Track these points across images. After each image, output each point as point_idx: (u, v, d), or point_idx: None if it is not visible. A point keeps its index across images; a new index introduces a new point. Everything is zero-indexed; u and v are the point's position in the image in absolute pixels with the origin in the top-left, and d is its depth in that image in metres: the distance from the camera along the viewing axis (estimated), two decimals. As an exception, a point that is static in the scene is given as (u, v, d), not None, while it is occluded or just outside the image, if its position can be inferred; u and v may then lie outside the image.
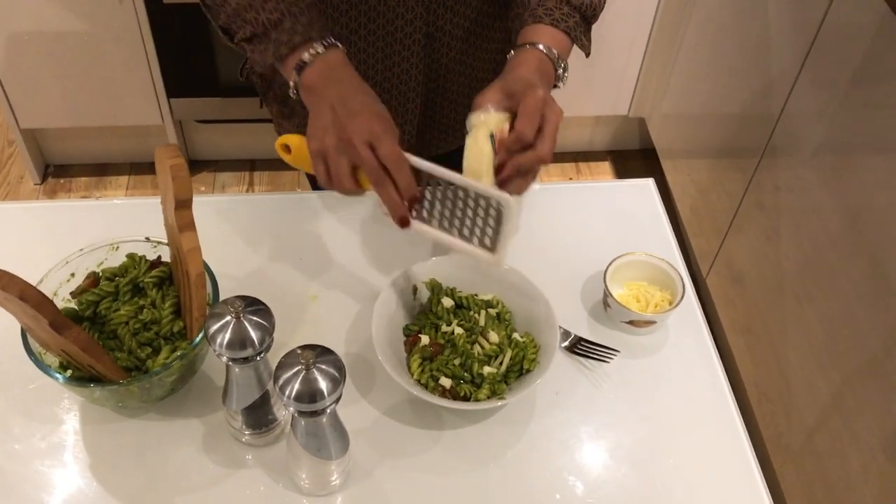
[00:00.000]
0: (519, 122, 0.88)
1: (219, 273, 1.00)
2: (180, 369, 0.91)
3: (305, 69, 0.94)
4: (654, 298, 1.08)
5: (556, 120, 0.90)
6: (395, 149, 0.86)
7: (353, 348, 1.04)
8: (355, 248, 1.15)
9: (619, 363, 1.04)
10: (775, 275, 1.80)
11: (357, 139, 0.86)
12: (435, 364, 0.98)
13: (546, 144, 0.88)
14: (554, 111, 0.90)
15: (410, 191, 0.87)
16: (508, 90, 0.91)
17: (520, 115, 0.88)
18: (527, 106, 0.88)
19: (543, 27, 1.01)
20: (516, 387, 0.97)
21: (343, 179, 0.89)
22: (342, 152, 0.87)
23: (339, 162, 0.88)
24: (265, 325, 0.84)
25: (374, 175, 0.87)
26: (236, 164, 2.56)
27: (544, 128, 0.89)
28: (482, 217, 0.88)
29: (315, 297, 1.09)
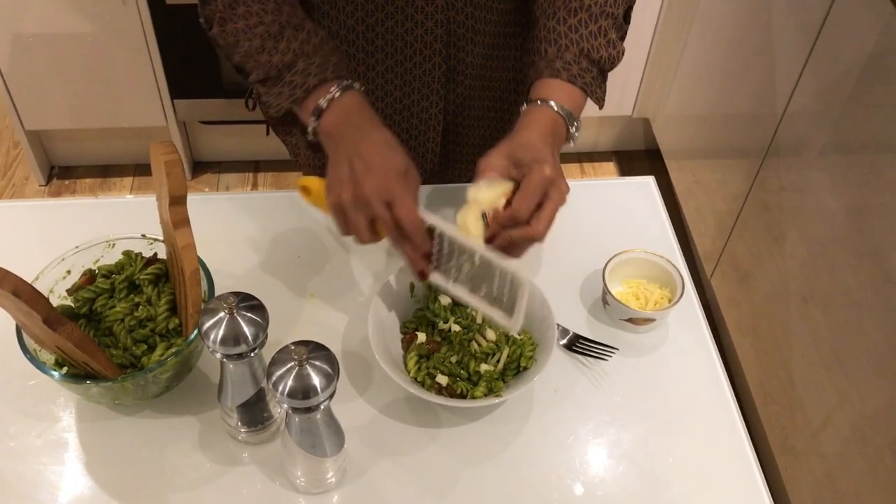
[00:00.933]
0: (518, 198, 0.86)
1: (216, 271, 1.00)
2: (175, 366, 0.91)
3: (323, 114, 0.92)
4: (654, 296, 1.07)
5: (559, 201, 0.87)
6: (411, 212, 0.85)
7: (351, 346, 1.04)
8: (353, 247, 1.15)
9: (618, 361, 1.03)
10: (780, 275, 1.79)
11: (374, 198, 0.85)
12: (432, 361, 0.97)
13: (542, 224, 0.86)
14: (558, 190, 0.86)
15: (423, 249, 0.87)
16: (515, 158, 0.88)
17: (520, 192, 0.86)
18: (530, 183, 0.85)
19: (559, 83, 0.95)
20: (514, 384, 0.96)
21: (361, 233, 0.89)
22: (359, 208, 0.87)
23: (357, 217, 0.87)
24: (259, 321, 0.84)
25: (391, 233, 0.87)
26: (240, 165, 2.56)
27: (544, 206, 0.86)
28: (498, 281, 0.88)
29: (313, 296, 1.09)
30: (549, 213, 0.86)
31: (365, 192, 0.85)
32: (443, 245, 0.90)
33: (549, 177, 0.86)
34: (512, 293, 0.87)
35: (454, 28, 1.06)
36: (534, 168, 0.86)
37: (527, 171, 0.86)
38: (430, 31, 1.05)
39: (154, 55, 2.16)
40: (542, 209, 0.86)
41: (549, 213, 0.86)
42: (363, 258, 1.13)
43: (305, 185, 0.97)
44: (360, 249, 1.14)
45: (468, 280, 0.90)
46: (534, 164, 0.87)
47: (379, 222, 0.87)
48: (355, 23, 1.06)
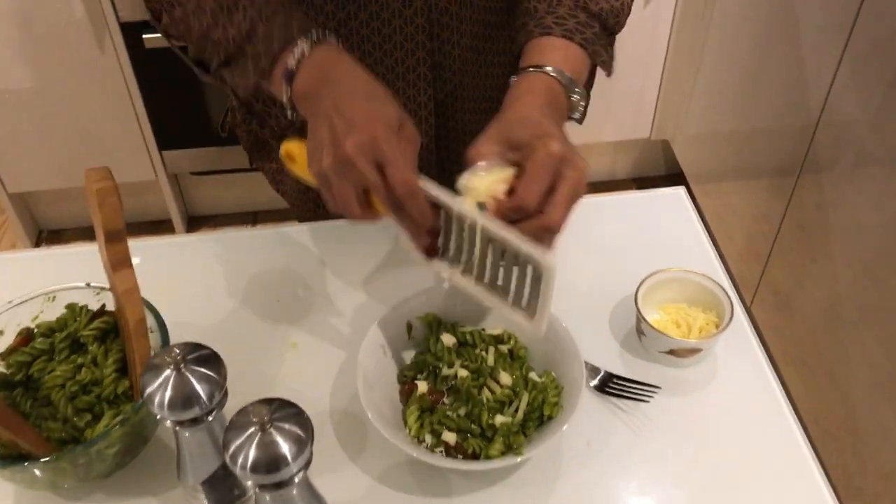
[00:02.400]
0: (523, 184, 0.69)
1: (180, 321, 0.85)
2: (124, 439, 0.75)
3: (295, 77, 0.76)
4: (698, 322, 0.90)
5: (576, 180, 0.69)
6: (405, 174, 0.68)
7: (340, 402, 0.87)
8: (340, 288, 0.99)
9: (661, 402, 0.86)
10: (826, 299, 1.61)
11: (359, 159, 0.68)
12: (436, 416, 0.80)
13: (557, 210, 0.69)
14: (573, 167, 0.70)
15: (425, 222, 0.70)
16: (511, 138, 0.73)
17: (525, 175, 0.70)
18: (536, 163, 0.69)
19: (554, 41, 0.82)
20: (537, 438, 0.79)
21: (350, 206, 0.71)
22: (344, 175, 0.70)
23: (343, 185, 0.71)
24: (213, 375, 0.68)
25: (386, 201, 0.70)
26: (237, 217, 2.43)
27: (557, 188, 0.69)
28: (518, 272, 0.71)
29: (295, 345, 0.93)
30: (564, 195, 0.69)
31: (347, 152, 0.68)
32: (448, 226, 0.73)
33: (558, 153, 0.69)
34: (535, 286, 0.70)
35: (437, 17, 0.92)
36: (537, 146, 0.70)
37: (529, 151, 0.70)
38: (411, 20, 0.91)
39: (137, 105, 2.04)
40: (554, 193, 0.69)
41: (565, 195, 0.69)
42: (353, 298, 0.97)
43: (288, 151, 0.80)
44: (345, 288, 0.98)
45: (480, 271, 0.73)
46: (536, 142, 0.70)
47: (371, 191, 0.71)
48: (330, 14, 0.91)
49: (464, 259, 0.74)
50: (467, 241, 0.73)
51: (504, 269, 0.72)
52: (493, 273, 0.73)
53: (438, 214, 0.72)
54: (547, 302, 0.70)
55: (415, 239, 0.73)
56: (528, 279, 0.70)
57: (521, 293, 0.72)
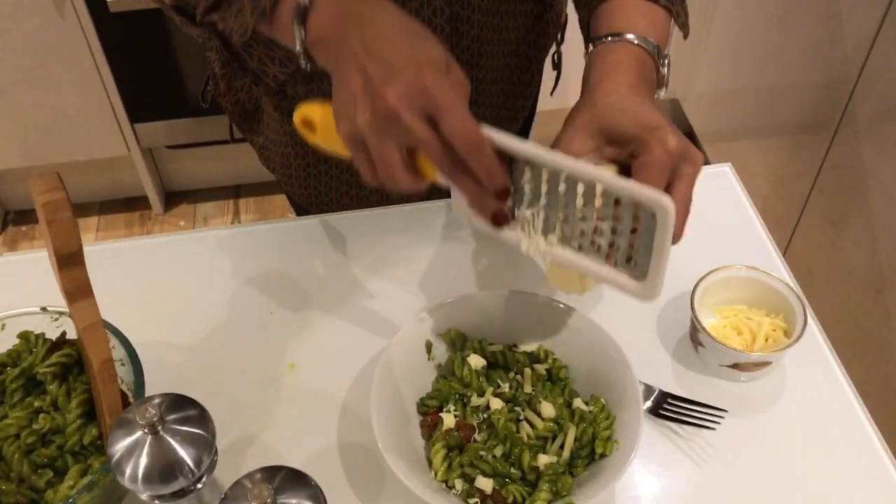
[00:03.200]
0: None
1: (155, 341, 0.72)
2: (94, 503, 0.62)
3: (309, 15, 0.60)
4: (763, 328, 0.77)
5: (694, 177, 0.60)
6: (466, 120, 0.54)
7: (350, 434, 0.74)
8: (345, 296, 0.85)
9: (723, 423, 0.74)
10: (861, 269, 1.49)
11: (405, 111, 0.54)
12: (466, 455, 0.68)
13: (678, 216, 0.57)
14: (691, 163, 0.60)
15: (496, 182, 0.56)
16: (609, 130, 0.61)
17: (639, 179, 0.58)
18: (651, 164, 0.59)
19: (635, 3, 0.69)
20: (588, 481, 0.66)
21: (396, 172, 0.57)
22: (387, 133, 0.56)
23: (384, 148, 0.56)
24: (201, 435, 0.55)
25: (441, 161, 0.56)
26: (218, 192, 2.27)
27: (675, 188, 0.59)
28: (621, 228, 0.58)
29: (293, 367, 0.79)
30: (683, 197, 0.59)
31: (389, 102, 0.54)
32: (519, 181, 0.59)
33: (677, 149, 0.59)
34: (646, 237, 0.56)
35: None
36: (650, 141, 0.59)
37: (639, 147, 0.59)
38: None
39: (105, 74, 1.87)
40: (672, 194, 0.58)
41: (685, 196, 0.59)
42: (361, 309, 0.84)
43: (307, 117, 0.64)
44: (352, 296, 0.85)
45: (567, 230, 0.60)
46: (647, 136, 0.59)
47: (420, 150, 0.56)
48: None
49: (542, 220, 0.60)
50: (546, 195, 0.59)
51: (599, 223, 0.58)
52: (584, 231, 0.59)
53: (506, 168, 0.58)
54: (663, 255, 0.56)
55: (480, 205, 0.58)
56: (632, 230, 0.57)
57: (625, 249, 0.58)
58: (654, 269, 0.56)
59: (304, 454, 0.73)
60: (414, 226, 0.91)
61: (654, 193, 0.54)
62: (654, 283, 0.57)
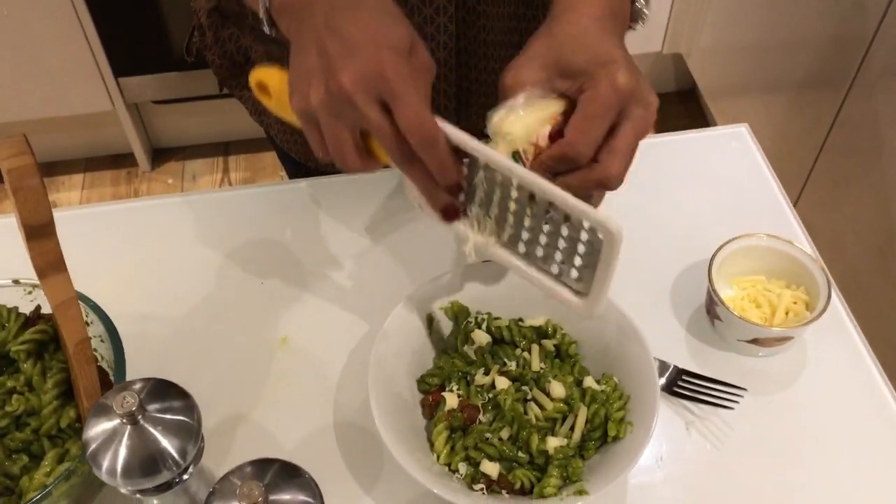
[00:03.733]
0: (575, 126, 0.55)
1: (137, 314, 0.68)
2: (72, 491, 0.57)
3: None
4: (783, 300, 0.73)
5: (643, 120, 0.55)
6: (420, 112, 0.51)
7: (346, 415, 0.70)
8: (340, 265, 0.80)
9: (743, 403, 0.70)
10: (873, 233, 1.45)
11: (358, 94, 0.51)
12: (470, 438, 0.64)
13: (616, 159, 0.54)
14: (642, 104, 0.55)
15: (447, 178, 0.54)
16: (561, 62, 0.57)
17: (579, 114, 0.55)
18: (594, 99, 0.55)
19: None
20: (600, 465, 0.62)
21: (345, 155, 0.55)
22: (339, 115, 0.53)
23: (335, 127, 0.54)
24: (185, 423, 0.51)
25: (392, 150, 0.53)
26: (207, 148, 2.21)
27: (619, 130, 0.55)
28: (566, 238, 0.55)
29: (285, 341, 0.75)
30: (627, 140, 0.55)
31: (343, 84, 0.51)
32: (472, 178, 0.56)
33: (625, 86, 0.54)
34: (591, 256, 0.54)
35: None
36: (598, 75, 0.54)
37: (586, 81, 0.55)
38: None
39: (87, 25, 1.80)
40: (614, 136, 0.54)
41: (629, 140, 0.55)
42: (358, 278, 0.79)
43: (262, 81, 0.60)
44: (348, 265, 0.80)
45: (514, 236, 0.58)
46: (597, 70, 0.54)
47: (373, 135, 0.54)
48: None
49: (493, 221, 0.58)
50: (498, 198, 0.56)
51: (547, 234, 0.56)
52: (532, 239, 0.57)
53: (460, 164, 0.55)
54: (607, 277, 0.54)
55: (430, 197, 0.56)
56: (580, 247, 0.54)
57: (570, 264, 0.56)
58: (597, 289, 0.55)
59: (297, 435, 0.69)
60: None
61: (603, 217, 0.51)
62: (595, 302, 0.55)
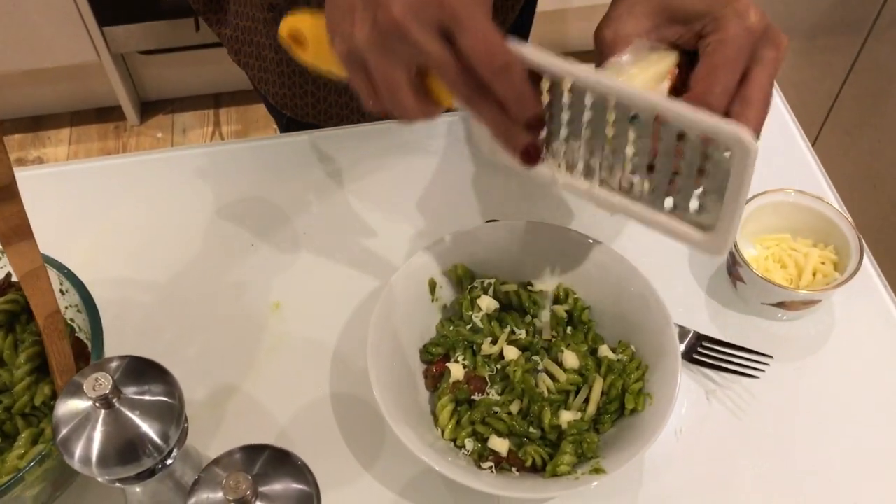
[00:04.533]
0: (700, 77, 0.48)
1: (115, 279, 0.64)
2: (48, 475, 0.53)
3: None
4: (811, 260, 0.68)
5: (776, 63, 0.49)
6: (490, 34, 0.44)
7: (344, 385, 0.66)
8: (336, 226, 0.75)
9: (767, 370, 0.65)
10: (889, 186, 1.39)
11: (413, 23, 0.44)
12: (477, 411, 0.59)
13: (751, 110, 0.47)
14: (774, 45, 0.49)
15: (527, 110, 0.46)
16: (671, 7, 0.50)
17: (707, 63, 0.48)
18: (726, 44, 0.48)
19: None
20: (616, 440, 0.58)
21: (402, 99, 0.47)
22: (392, 51, 0.45)
23: (388, 69, 0.46)
24: (165, 404, 0.46)
25: (458, 85, 0.45)
26: (198, 101, 2.13)
27: (752, 76, 0.48)
28: (683, 162, 0.46)
29: (278, 307, 0.70)
30: (761, 88, 0.48)
31: (394, 14, 0.44)
32: (555, 108, 0.48)
33: (758, 25, 0.48)
34: (715, 180, 0.45)
35: None
36: (726, 15, 0.48)
37: (709, 23, 0.49)
38: None
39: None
40: (748, 83, 0.48)
41: (763, 87, 0.48)
42: (356, 240, 0.74)
43: (295, 31, 0.52)
44: (346, 227, 0.75)
45: (616, 171, 0.49)
46: (721, 9, 0.48)
47: (433, 71, 0.46)
48: None
49: (585, 156, 0.49)
50: (591, 126, 0.48)
51: (657, 161, 0.47)
52: (637, 170, 0.48)
53: (539, 93, 0.47)
54: (738, 203, 0.45)
55: (507, 137, 0.48)
56: (702, 170, 0.46)
57: (690, 192, 0.47)
58: (726, 218, 0.46)
59: (291, 408, 0.64)
60: (419, 144, 0.80)
61: (730, 126, 0.43)
62: (724, 235, 0.46)
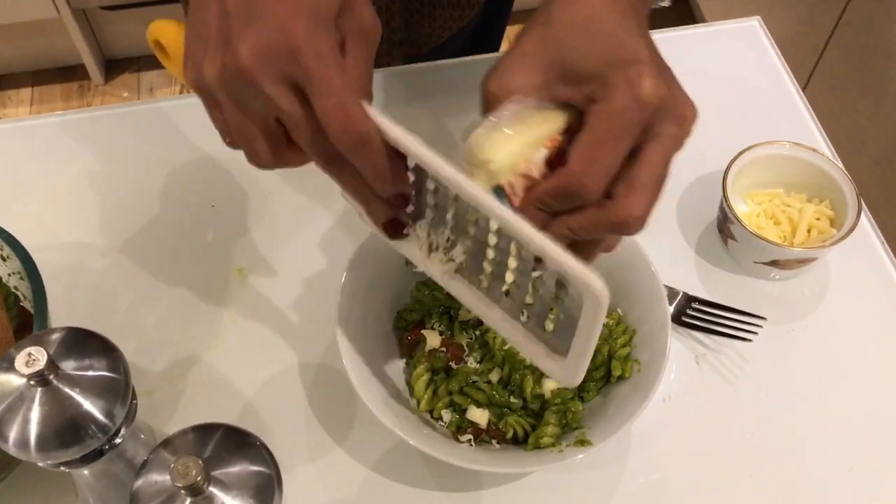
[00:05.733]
0: (578, 150, 0.40)
1: (75, 243, 0.62)
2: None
3: None
4: (805, 216, 0.65)
5: (676, 140, 0.41)
6: (342, 102, 0.38)
7: (314, 354, 0.62)
8: (304, 185, 0.71)
9: (760, 332, 0.62)
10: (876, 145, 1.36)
11: (262, 74, 0.38)
12: (454, 381, 0.56)
13: (636, 196, 0.40)
14: (673, 119, 0.40)
15: (385, 187, 0.41)
16: (564, 62, 0.41)
17: (585, 137, 0.40)
18: (610, 114, 0.39)
19: None
20: (602, 409, 0.55)
21: (255, 149, 0.41)
22: (239, 96, 0.39)
23: (239, 115, 0.40)
24: (109, 379, 0.42)
25: (312, 149, 0.40)
26: (165, 59, 2.06)
27: (643, 155, 0.40)
28: (542, 289, 0.42)
29: (241, 272, 0.66)
30: (651, 169, 0.40)
31: (242, 59, 0.37)
32: (422, 185, 0.43)
33: (651, 95, 0.39)
34: (570, 313, 0.41)
35: None
36: (614, 80, 0.39)
37: (597, 89, 0.40)
38: None
39: (22, -78, 1.63)
40: (636, 164, 0.40)
41: (653, 169, 0.40)
42: (324, 200, 0.70)
43: (157, 37, 0.48)
44: (315, 186, 0.70)
45: (477, 268, 0.44)
46: (612, 74, 0.40)
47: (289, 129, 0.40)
48: None
49: (445, 242, 0.44)
50: (455, 216, 0.43)
51: (518, 272, 0.42)
52: (498, 274, 0.44)
53: (403, 169, 0.42)
54: (590, 341, 0.41)
55: (367, 208, 0.43)
56: (559, 299, 0.41)
57: (545, 314, 0.43)
58: (577, 353, 0.41)
59: (257, 380, 0.60)
60: (396, 91, 0.75)
61: (584, 272, 0.37)
62: (575, 367, 0.42)
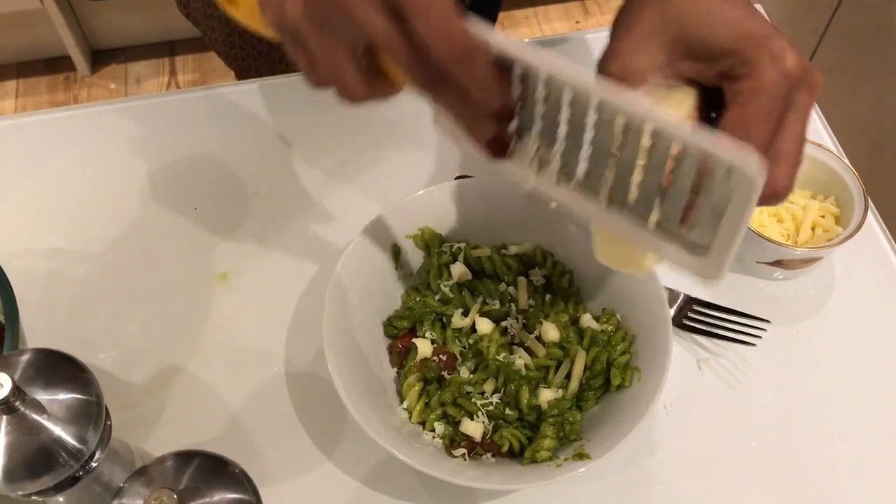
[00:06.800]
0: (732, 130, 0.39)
1: (53, 249, 0.60)
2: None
3: None
4: (809, 214, 0.62)
5: (809, 108, 0.41)
6: (447, 17, 0.35)
7: (301, 362, 0.59)
8: (291, 186, 0.68)
9: (764, 335, 0.60)
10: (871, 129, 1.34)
11: (357, 1, 0.36)
12: (447, 391, 0.53)
13: (784, 167, 0.40)
14: (809, 89, 0.41)
15: (492, 101, 0.38)
16: (690, 40, 0.41)
17: (737, 114, 0.40)
18: (760, 92, 0.40)
19: None
20: (601, 420, 0.53)
21: (345, 82, 0.39)
22: (329, 27, 0.37)
23: (328, 48, 0.38)
24: (81, 402, 0.39)
25: (412, 70, 0.37)
26: (152, 49, 2.02)
27: (786, 127, 0.40)
28: (679, 182, 0.38)
29: (225, 277, 0.63)
30: (796, 140, 0.40)
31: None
32: (529, 96, 0.40)
33: (796, 69, 0.40)
34: (714, 203, 0.38)
35: None
36: (760, 59, 0.40)
37: (741, 66, 0.40)
38: None
39: None
40: (780, 135, 0.40)
41: (798, 139, 0.40)
42: (311, 201, 0.67)
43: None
44: (302, 186, 0.68)
45: (596, 174, 0.41)
46: (753, 50, 0.40)
47: (382, 52, 0.39)
48: None
49: (559, 155, 0.41)
50: (569, 124, 0.40)
51: (646, 170, 0.39)
52: (621, 176, 0.40)
53: (508, 80, 0.39)
54: (737, 230, 0.38)
55: (470, 127, 0.40)
56: (699, 189, 0.38)
57: (677, 211, 0.39)
58: (721, 245, 0.38)
59: (243, 389, 0.58)
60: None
61: (736, 151, 0.35)
62: (718, 262, 0.39)
